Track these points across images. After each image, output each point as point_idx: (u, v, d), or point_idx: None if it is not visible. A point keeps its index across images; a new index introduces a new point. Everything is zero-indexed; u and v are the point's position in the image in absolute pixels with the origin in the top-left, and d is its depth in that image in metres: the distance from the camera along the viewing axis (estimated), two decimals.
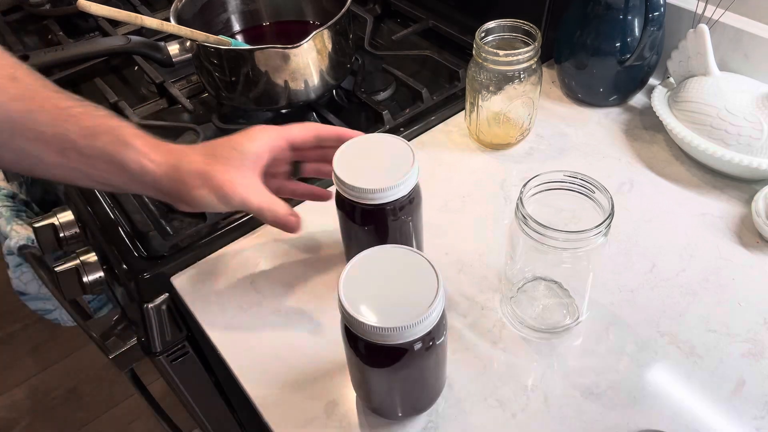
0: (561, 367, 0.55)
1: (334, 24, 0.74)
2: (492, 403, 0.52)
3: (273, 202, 0.55)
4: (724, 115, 0.66)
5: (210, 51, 0.74)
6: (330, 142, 0.58)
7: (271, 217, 0.55)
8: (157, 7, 1.06)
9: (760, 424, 0.50)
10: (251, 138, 0.55)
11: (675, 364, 0.54)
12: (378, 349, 0.44)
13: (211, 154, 0.54)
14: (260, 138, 0.55)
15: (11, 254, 0.78)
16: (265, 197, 0.54)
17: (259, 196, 0.54)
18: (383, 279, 0.45)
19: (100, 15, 0.66)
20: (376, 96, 0.84)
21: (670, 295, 0.59)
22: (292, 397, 0.54)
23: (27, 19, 1.06)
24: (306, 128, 0.58)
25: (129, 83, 0.94)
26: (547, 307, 0.59)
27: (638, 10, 0.71)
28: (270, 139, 0.55)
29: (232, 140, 0.55)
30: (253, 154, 0.54)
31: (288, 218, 0.56)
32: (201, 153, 0.54)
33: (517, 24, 0.69)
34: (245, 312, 0.61)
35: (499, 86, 0.69)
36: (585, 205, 0.52)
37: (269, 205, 0.54)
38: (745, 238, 0.63)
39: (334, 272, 0.63)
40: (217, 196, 0.52)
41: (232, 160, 0.53)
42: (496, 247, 0.64)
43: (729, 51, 0.73)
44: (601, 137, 0.76)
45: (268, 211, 0.54)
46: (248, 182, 0.54)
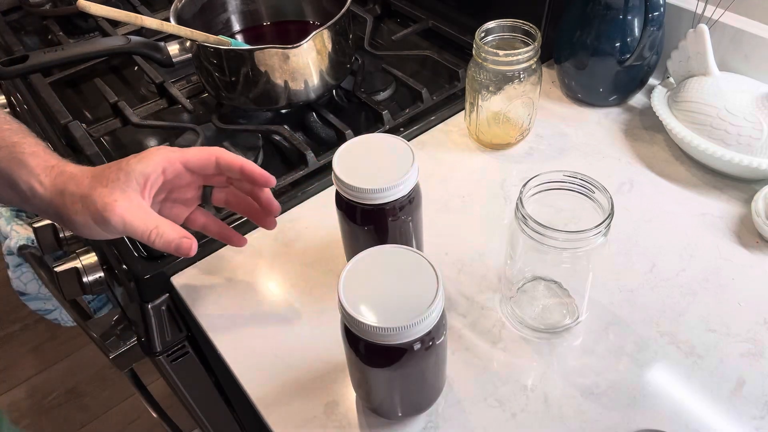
0: (561, 367, 0.55)
1: (334, 24, 0.74)
2: (492, 403, 0.52)
3: (161, 225, 0.50)
4: (724, 115, 0.66)
5: (210, 51, 0.74)
6: (233, 174, 0.55)
7: (159, 241, 0.50)
8: (157, 7, 1.06)
9: (760, 424, 0.50)
10: (141, 158, 0.51)
11: (675, 364, 0.54)
12: (378, 349, 0.44)
13: (98, 176, 0.50)
14: (151, 158, 0.51)
15: (11, 254, 0.78)
16: (152, 220, 0.50)
17: (145, 219, 0.50)
18: (383, 279, 0.45)
19: (100, 15, 0.66)
20: (376, 96, 0.84)
21: (670, 295, 0.59)
22: (292, 397, 0.54)
23: (27, 19, 1.07)
24: (204, 152, 0.54)
25: (129, 83, 0.94)
26: (547, 307, 0.59)
27: (638, 10, 0.71)
28: (162, 159, 0.52)
29: (121, 161, 0.51)
30: (140, 175, 0.50)
31: (180, 242, 0.50)
32: (89, 176, 0.50)
33: (517, 24, 0.69)
34: (245, 312, 0.61)
35: (498, 86, 0.69)
36: (585, 205, 0.52)
37: (156, 228, 0.50)
38: (744, 238, 0.63)
39: (334, 272, 0.63)
40: (97, 220, 0.49)
41: (117, 182, 0.49)
42: (496, 247, 0.64)
43: (729, 51, 0.73)
44: (601, 137, 0.76)
45: (156, 234, 0.49)
46: (132, 205, 0.49)
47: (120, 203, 0.49)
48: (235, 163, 0.54)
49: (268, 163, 0.77)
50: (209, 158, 0.54)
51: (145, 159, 0.51)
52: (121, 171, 0.50)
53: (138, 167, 0.50)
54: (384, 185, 0.50)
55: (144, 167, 0.50)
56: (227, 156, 0.54)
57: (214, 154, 0.54)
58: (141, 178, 0.50)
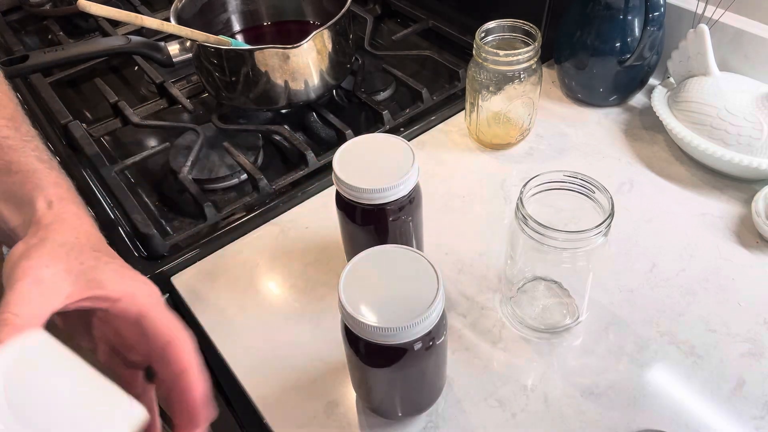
0: (561, 367, 0.55)
1: (334, 24, 0.74)
2: (492, 403, 0.52)
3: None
4: (724, 115, 0.66)
5: (210, 51, 0.74)
6: (156, 344, 0.39)
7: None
8: (157, 7, 1.06)
9: (760, 424, 0.50)
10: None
11: (675, 364, 0.54)
12: (378, 349, 0.44)
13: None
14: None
15: None
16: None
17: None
18: (383, 279, 0.45)
19: (100, 15, 0.66)
20: (376, 96, 0.84)
21: (670, 295, 0.59)
22: (292, 397, 0.54)
23: (27, 19, 1.07)
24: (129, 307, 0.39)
25: (129, 83, 0.94)
26: (547, 307, 0.59)
27: (638, 10, 0.71)
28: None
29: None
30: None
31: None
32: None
33: (517, 24, 0.69)
34: (245, 312, 0.61)
35: (499, 86, 0.69)
36: (585, 205, 0.52)
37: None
38: (744, 238, 0.63)
39: (334, 272, 0.63)
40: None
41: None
42: (496, 247, 0.64)
43: (729, 51, 0.73)
44: (601, 137, 0.76)
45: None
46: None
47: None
48: (161, 334, 0.38)
49: (269, 163, 0.78)
50: (130, 313, 0.39)
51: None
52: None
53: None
54: (384, 185, 0.50)
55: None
56: (152, 319, 0.39)
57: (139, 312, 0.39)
58: (94, 285, 0.38)
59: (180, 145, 0.78)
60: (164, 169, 0.78)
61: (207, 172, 0.74)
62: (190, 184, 0.70)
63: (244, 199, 0.70)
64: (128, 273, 0.40)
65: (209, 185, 0.74)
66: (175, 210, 0.73)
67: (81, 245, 0.39)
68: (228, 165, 0.75)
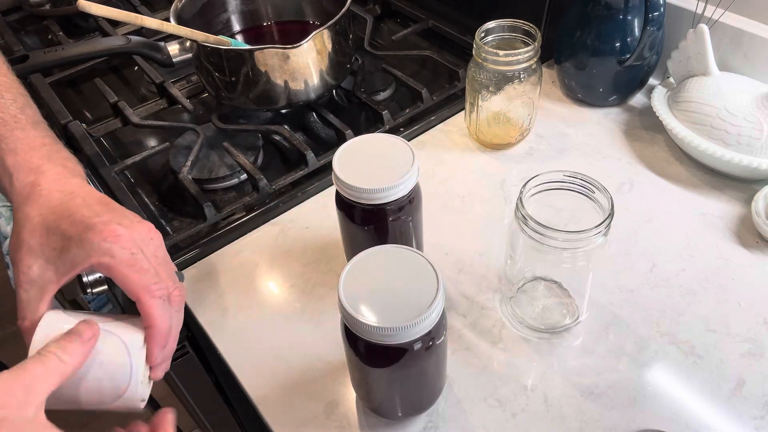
0: (561, 367, 0.55)
1: (334, 24, 0.74)
2: (492, 403, 0.52)
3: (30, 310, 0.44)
4: (724, 115, 0.66)
5: (210, 51, 0.74)
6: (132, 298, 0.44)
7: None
8: (157, 7, 1.06)
9: (760, 424, 0.50)
10: (93, 246, 0.43)
11: (675, 364, 0.54)
12: (378, 349, 0.44)
13: (48, 227, 0.43)
14: (101, 256, 0.43)
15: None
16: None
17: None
18: (383, 279, 0.45)
19: (100, 15, 0.66)
20: (376, 96, 0.84)
21: (670, 295, 0.59)
22: (292, 397, 0.54)
23: (27, 19, 1.06)
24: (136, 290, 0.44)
25: (129, 83, 0.94)
26: (546, 307, 0.59)
27: (638, 10, 0.71)
28: (110, 267, 0.43)
29: (83, 227, 0.43)
30: (72, 262, 0.43)
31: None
32: (42, 220, 0.44)
33: (517, 24, 0.69)
34: (245, 312, 0.61)
35: (499, 86, 0.69)
36: (585, 205, 0.52)
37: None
38: (744, 238, 0.63)
39: (334, 272, 0.63)
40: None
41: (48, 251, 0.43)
42: (496, 247, 0.64)
43: (729, 51, 0.73)
44: (601, 137, 0.76)
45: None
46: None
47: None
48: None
49: (268, 163, 0.78)
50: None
51: (96, 250, 0.42)
52: (71, 241, 0.43)
53: (79, 253, 0.43)
54: (384, 185, 0.50)
55: (84, 257, 0.43)
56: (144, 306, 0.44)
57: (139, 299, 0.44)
58: (70, 265, 0.43)
59: (180, 145, 0.78)
60: (164, 169, 0.78)
61: (207, 172, 0.74)
62: (190, 184, 0.70)
63: (244, 199, 0.70)
64: (89, 239, 0.43)
65: (209, 185, 0.74)
66: (175, 210, 0.73)
67: (46, 224, 0.43)
68: (228, 165, 0.75)
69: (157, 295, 0.44)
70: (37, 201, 0.44)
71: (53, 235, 0.43)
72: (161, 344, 0.44)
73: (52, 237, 0.43)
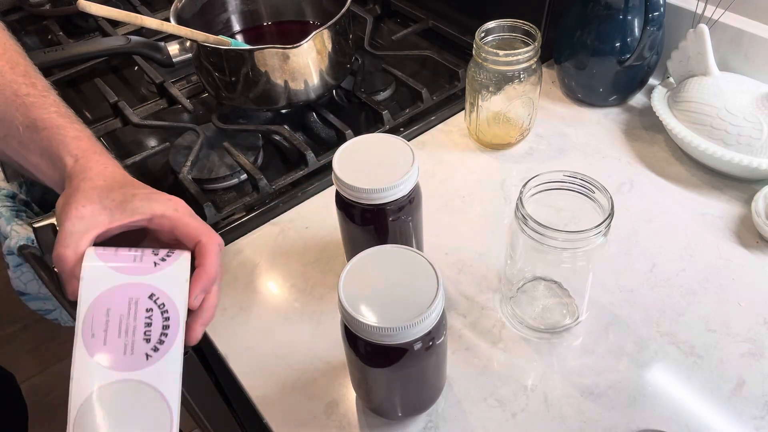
0: (561, 367, 0.55)
1: (334, 24, 0.74)
2: (492, 403, 0.52)
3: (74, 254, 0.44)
4: (724, 115, 0.66)
5: (210, 51, 0.74)
6: (189, 245, 0.47)
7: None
8: (157, 7, 1.06)
9: (760, 424, 0.50)
10: (149, 207, 0.46)
11: (675, 364, 0.54)
12: (378, 349, 0.44)
13: (102, 192, 0.46)
14: (156, 218, 0.46)
15: (11, 254, 0.78)
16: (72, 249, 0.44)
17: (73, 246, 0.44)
18: (383, 279, 0.45)
19: (100, 15, 0.66)
20: (376, 96, 0.84)
21: (670, 295, 0.59)
22: (292, 397, 0.54)
23: (27, 19, 1.06)
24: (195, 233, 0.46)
25: (129, 83, 0.94)
26: (546, 307, 0.59)
27: (638, 10, 0.71)
28: (164, 224, 0.46)
29: (136, 190, 0.47)
30: (129, 215, 0.45)
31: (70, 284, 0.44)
32: (95, 186, 0.46)
33: (517, 24, 0.69)
34: (245, 312, 0.61)
35: (498, 86, 0.69)
36: (585, 205, 0.52)
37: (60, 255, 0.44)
38: (744, 238, 0.63)
39: (334, 272, 0.63)
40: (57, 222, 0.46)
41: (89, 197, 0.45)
42: (496, 247, 0.64)
43: (729, 51, 0.73)
44: (601, 137, 0.76)
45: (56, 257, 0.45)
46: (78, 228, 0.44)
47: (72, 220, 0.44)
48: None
49: (268, 163, 0.78)
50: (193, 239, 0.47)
51: (150, 212, 0.45)
52: (125, 200, 0.46)
53: (133, 215, 0.45)
54: (384, 185, 0.50)
55: (139, 217, 0.45)
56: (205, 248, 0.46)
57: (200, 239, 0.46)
58: (129, 212, 0.45)
59: (180, 145, 0.78)
60: (164, 169, 0.78)
61: (207, 172, 0.74)
62: (190, 184, 0.70)
63: (244, 199, 0.70)
64: (154, 196, 0.47)
65: (209, 185, 0.74)
66: None
67: (109, 186, 0.46)
68: (228, 165, 0.75)
69: (215, 241, 0.46)
70: (102, 173, 0.47)
71: (116, 192, 0.46)
72: (205, 286, 0.45)
73: (114, 193, 0.46)
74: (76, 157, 0.48)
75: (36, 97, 0.51)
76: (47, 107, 0.51)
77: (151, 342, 0.42)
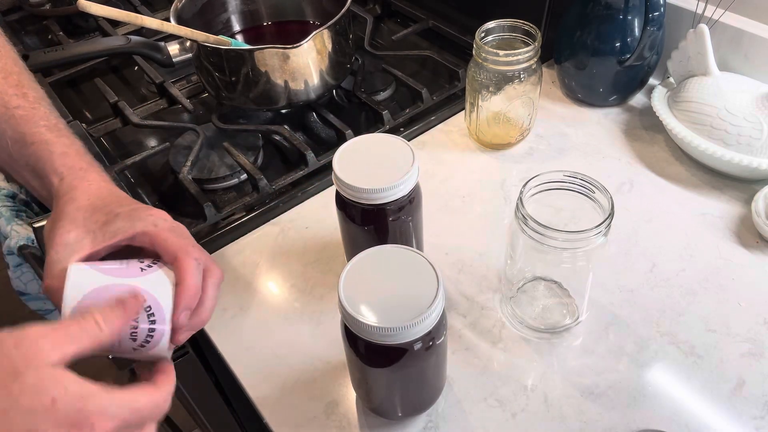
0: (561, 367, 0.55)
1: (334, 24, 0.74)
2: (492, 403, 0.52)
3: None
4: (724, 115, 0.66)
5: (210, 51, 0.74)
6: (169, 261, 0.45)
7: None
8: (157, 7, 1.06)
9: (760, 424, 0.50)
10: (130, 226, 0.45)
11: (675, 364, 0.54)
12: (378, 349, 0.44)
13: (90, 214, 0.45)
14: (137, 236, 0.45)
15: (11, 254, 0.78)
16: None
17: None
18: (383, 279, 0.45)
19: (100, 15, 0.66)
20: (376, 96, 0.84)
21: (670, 295, 0.59)
22: (292, 397, 0.54)
23: (27, 19, 1.07)
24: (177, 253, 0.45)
25: (129, 83, 0.94)
26: (547, 307, 0.59)
27: (638, 10, 0.71)
28: (147, 240, 0.45)
29: (121, 209, 0.46)
30: (112, 235, 0.45)
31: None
32: (82, 207, 0.46)
33: (517, 24, 0.69)
34: (245, 312, 0.61)
35: (499, 86, 0.69)
36: (585, 205, 0.52)
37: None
38: (744, 238, 0.63)
39: (334, 272, 0.63)
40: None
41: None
42: (496, 247, 0.64)
43: (729, 51, 0.73)
44: (601, 137, 0.76)
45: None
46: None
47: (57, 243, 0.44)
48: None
49: (269, 163, 0.78)
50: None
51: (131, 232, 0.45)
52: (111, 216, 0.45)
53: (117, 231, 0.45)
54: (384, 185, 0.50)
55: (120, 236, 0.45)
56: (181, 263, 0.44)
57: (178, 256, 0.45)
58: (111, 234, 0.45)
59: (180, 145, 0.78)
60: (164, 169, 0.78)
61: (207, 172, 0.74)
62: (190, 184, 0.70)
63: (244, 199, 0.70)
64: (136, 213, 0.46)
65: (209, 185, 0.74)
66: (175, 210, 0.73)
67: (93, 206, 0.46)
68: (228, 165, 0.75)
69: (193, 255, 0.45)
70: (86, 190, 0.47)
71: (99, 213, 0.46)
72: (188, 304, 0.44)
73: (97, 214, 0.46)
74: (62, 176, 0.48)
75: (26, 110, 0.50)
76: (36, 120, 0.50)
77: (137, 341, 0.42)
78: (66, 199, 0.46)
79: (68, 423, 0.35)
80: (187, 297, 0.44)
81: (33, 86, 0.54)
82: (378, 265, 0.46)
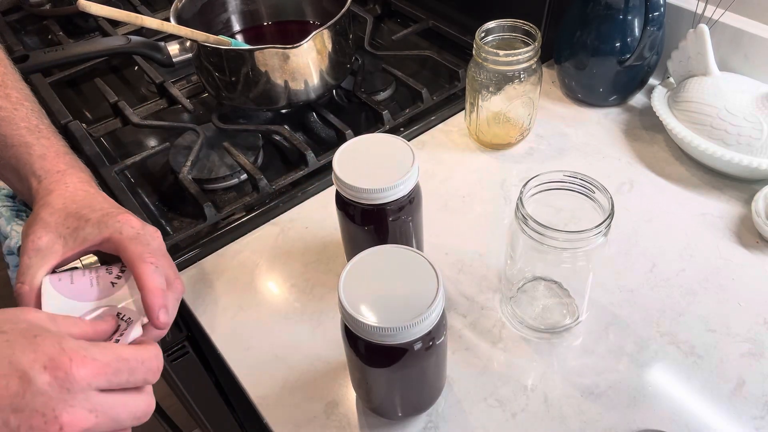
0: (561, 367, 0.55)
1: (334, 24, 0.74)
2: (492, 403, 0.52)
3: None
4: (724, 115, 0.66)
5: (210, 51, 0.74)
6: (132, 269, 0.45)
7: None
8: (157, 7, 1.06)
9: (760, 424, 0.50)
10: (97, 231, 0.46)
11: (675, 364, 0.54)
12: (378, 349, 0.44)
13: (65, 217, 0.46)
14: (103, 242, 0.46)
15: (11, 254, 0.78)
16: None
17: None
18: (383, 279, 0.45)
19: (100, 15, 0.66)
20: (376, 96, 0.84)
21: (670, 295, 0.59)
22: (292, 397, 0.54)
23: (27, 19, 1.06)
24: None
25: (129, 83, 0.94)
26: (547, 307, 0.59)
27: (638, 10, 0.71)
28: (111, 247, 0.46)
29: (92, 215, 0.47)
30: (82, 242, 0.46)
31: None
32: (57, 212, 0.47)
33: (517, 24, 0.69)
34: (245, 312, 0.61)
35: (499, 86, 0.69)
36: (585, 205, 0.52)
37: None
38: (744, 238, 0.63)
39: (334, 272, 0.63)
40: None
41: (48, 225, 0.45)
42: (496, 247, 0.64)
43: (729, 51, 0.73)
44: (601, 137, 0.76)
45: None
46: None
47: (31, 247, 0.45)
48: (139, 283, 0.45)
49: (269, 163, 0.78)
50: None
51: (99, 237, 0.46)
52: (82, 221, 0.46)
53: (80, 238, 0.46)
54: (384, 185, 0.50)
55: (91, 241, 0.46)
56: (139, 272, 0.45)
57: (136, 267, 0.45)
58: (80, 241, 0.46)
59: (180, 145, 0.78)
60: (164, 169, 0.78)
61: (207, 172, 0.74)
62: (190, 184, 0.70)
63: (244, 199, 0.70)
64: (105, 219, 0.47)
65: (209, 185, 0.74)
66: (175, 210, 0.73)
67: (66, 210, 0.47)
68: (228, 165, 0.75)
69: (148, 261, 0.45)
70: (62, 194, 0.48)
71: (71, 218, 0.46)
72: (159, 303, 0.44)
73: (70, 219, 0.46)
74: (40, 179, 0.49)
75: (7, 111, 0.51)
76: (17, 122, 0.51)
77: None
78: (41, 204, 0.47)
79: (46, 357, 0.34)
80: (155, 298, 0.44)
81: (17, 86, 0.54)
82: (378, 265, 0.46)
